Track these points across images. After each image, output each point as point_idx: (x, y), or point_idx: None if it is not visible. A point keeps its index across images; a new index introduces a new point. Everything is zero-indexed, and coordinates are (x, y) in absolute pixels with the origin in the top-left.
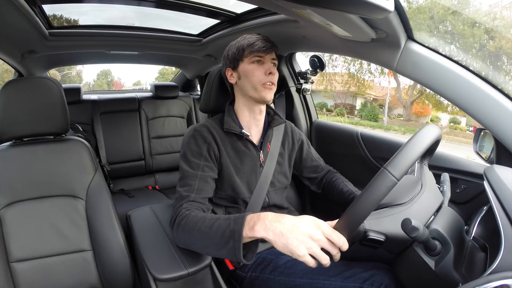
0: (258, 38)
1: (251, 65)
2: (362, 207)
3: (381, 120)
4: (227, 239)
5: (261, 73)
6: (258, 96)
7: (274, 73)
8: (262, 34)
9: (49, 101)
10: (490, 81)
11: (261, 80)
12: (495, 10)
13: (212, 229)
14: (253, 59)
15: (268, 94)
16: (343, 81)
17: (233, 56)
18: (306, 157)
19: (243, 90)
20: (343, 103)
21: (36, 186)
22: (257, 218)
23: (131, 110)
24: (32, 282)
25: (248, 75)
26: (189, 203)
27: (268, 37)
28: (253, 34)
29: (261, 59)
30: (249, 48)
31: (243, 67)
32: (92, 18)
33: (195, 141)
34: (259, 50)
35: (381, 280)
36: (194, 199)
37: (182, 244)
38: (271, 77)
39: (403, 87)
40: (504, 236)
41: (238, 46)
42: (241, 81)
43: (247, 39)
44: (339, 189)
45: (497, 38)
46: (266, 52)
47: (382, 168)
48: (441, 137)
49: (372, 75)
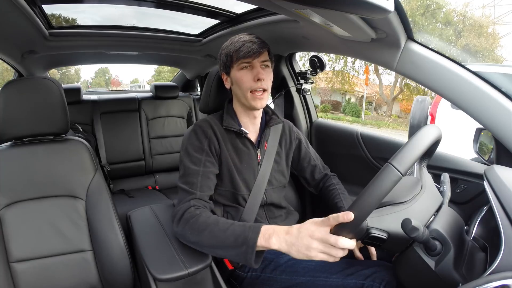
0: (244, 42)
1: (240, 72)
2: (367, 202)
3: (368, 116)
4: (241, 244)
5: (249, 79)
6: (248, 104)
7: (264, 78)
8: (259, 34)
9: (49, 101)
10: (490, 81)
11: (249, 87)
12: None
13: (227, 233)
14: (241, 66)
15: (258, 103)
16: (327, 79)
17: (223, 62)
18: (304, 156)
19: (236, 96)
20: (329, 100)
21: (36, 186)
22: (272, 231)
23: (131, 110)
24: (32, 282)
25: (238, 82)
26: (196, 200)
27: (258, 37)
28: (240, 36)
29: (249, 64)
30: (236, 54)
31: (234, 74)
32: (90, 16)
33: (196, 135)
34: (245, 56)
35: (383, 277)
36: (200, 197)
37: (185, 240)
38: (260, 83)
39: (388, 85)
40: (504, 236)
41: (226, 52)
42: (233, 87)
43: (233, 44)
44: (334, 203)
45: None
46: (253, 57)
47: (387, 163)
48: (441, 137)
49: (356, 72)
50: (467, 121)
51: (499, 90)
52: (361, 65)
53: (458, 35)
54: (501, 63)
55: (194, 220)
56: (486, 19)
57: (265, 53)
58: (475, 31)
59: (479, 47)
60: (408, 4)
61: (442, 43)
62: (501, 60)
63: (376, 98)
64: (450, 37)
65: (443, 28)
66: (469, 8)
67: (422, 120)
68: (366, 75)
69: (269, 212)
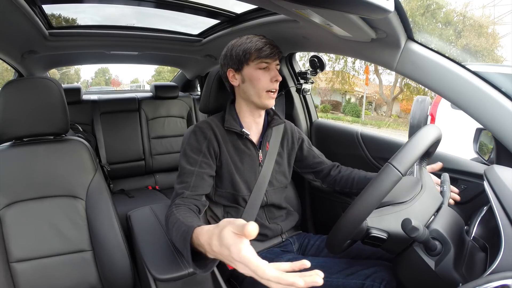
0: (266, 43)
1: (257, 71)
2: (367, 202)
3: (368, 117)
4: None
5: (267, 80)
6: (261, 103)
7: (279, 80)
8: (259, 34)
9: (49, 101)
10: (490, 81)
11: (266, 87)
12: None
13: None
14: (260, 65)
15: (271, 102)
16: (327, 79)
17: (237, 58)
18: (308, 155)
19: (245, 94)
20: (329, 100)
21: (36, 186)
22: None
23: (131, 110)
24: (32, 282)
25: (253, 81)
26: (182, 199)
27: (273, 41)
28: (259, 38)
29: (268, 65)
30: (257, 53)
31: (249, 72)
32: (90, 16)
33: (195, 137)
34: (267, 56)
35: (383, 277)
36: (187, 195)
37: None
38: (275, 84)
39: (388, 85)
40: (504, 236)
41: (244, 49)
42: (244, 85)
43: (254, 43)
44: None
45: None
46: (273, 59)
47: (387, 163)
48: (441, 137)
49: (356, 72)
50: (467, 121)
51: (499, 90)
52: (361, 65)
53: (458, 35)
54: (501, 63)
55: (169, 217)
56: (486, 19)
57: (277, 58)
58: (475, 31)
59: (479, 47)
60: (408, 4)
61: (442, 43)
62: (501, 60)
63: (376, 98)
64: (450, 37)
65: (443, 28)
66: (469, 8)
67: (422, 120)
68: (366, 75)
69: (269, 212)
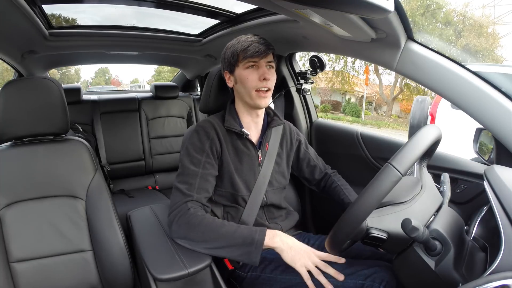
0: (252, 42)
1: (246, 70)
2: (367, 202)
3: (368, 117)
4: (248, 244)
5: (255, 78)
6: (253, 103)
7: (269, 78)
8: (259, 34)
9: (49, 101)
10: (490, 81)
11: (254, 86)
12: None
13: (235, 235)
14: (247, 65)
15: (262, 101)
16: (327, 79)
17: (228, 60)
18: (303, 157)
19: (240, 95)
20: (329, 100)
21: (36, 186)
22: (274, 232)
23: (131, 110)
24: (32, 282)
25: (243, 81)
26: (193, 203)
27: (264, 39)
28: (248, 36)
29: (256, 64)
30: (243, 54)
31: (239, 73)
32: (90, 16)
33: (198, 136)
34: (253, 55)
35: (383, 277)
36: (197, 199)
37: (183, 240)
38: (265, 82)
39: (388, 85)
40: (504, 236)
41: (232, 51)
42: (237, 86)
43: (241, 43)
44: (340, 199)
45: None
46: (260, 57)
47: (386, 163)
48: (441, 137)
49: (356, 72)
50: (467, 121)
51: (499, 90)
52: (361, 65)
53: (458, 35)
54: (501, 63)
55: (197, 221)
56: (486, 19)
57: (270, 54)
58: (475, 31)
59: (479, 47)
60: (408, 4)
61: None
62: (501, 60)
63: (376, 98)
64: (450, 37)
65: (443, 28)
66: (469, 8)
67: (422, 120)
68: (366, 75)
69: (268, 213)
